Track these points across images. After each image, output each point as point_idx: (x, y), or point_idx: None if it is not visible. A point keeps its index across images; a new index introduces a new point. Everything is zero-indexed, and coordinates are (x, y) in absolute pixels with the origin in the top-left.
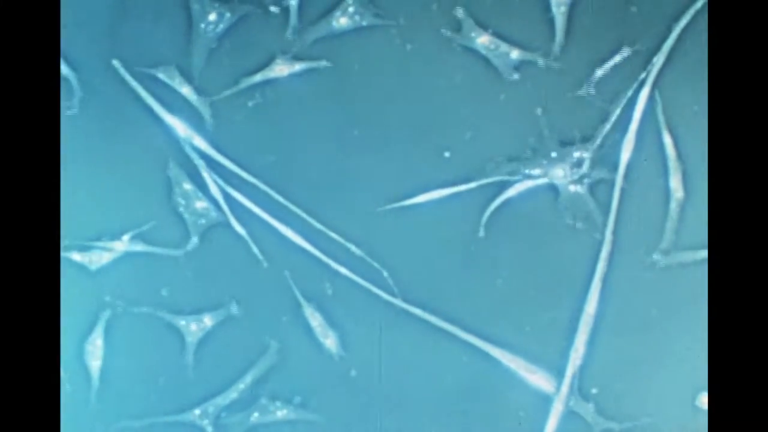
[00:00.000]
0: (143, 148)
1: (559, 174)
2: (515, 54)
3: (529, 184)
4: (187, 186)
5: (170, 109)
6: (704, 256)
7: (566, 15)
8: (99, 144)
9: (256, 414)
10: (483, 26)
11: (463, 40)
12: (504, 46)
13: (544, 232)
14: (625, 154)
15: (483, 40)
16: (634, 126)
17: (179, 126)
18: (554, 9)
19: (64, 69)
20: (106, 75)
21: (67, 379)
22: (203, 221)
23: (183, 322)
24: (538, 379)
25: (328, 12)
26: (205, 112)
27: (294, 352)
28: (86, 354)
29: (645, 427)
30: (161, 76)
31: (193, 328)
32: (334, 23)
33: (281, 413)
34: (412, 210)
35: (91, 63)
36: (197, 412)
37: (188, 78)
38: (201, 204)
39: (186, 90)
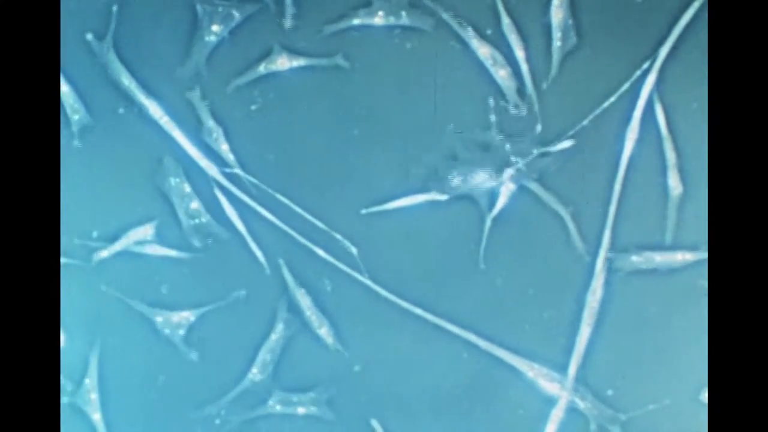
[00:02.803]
0: (141, 147)
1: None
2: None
3: (527, 181)
4: (186, 185)
5: (169, 108)
6: (704, 253)
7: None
8: (97, 144)
9: (256, 410)
10: (479, 29)
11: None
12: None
13: (543, 231)
14: (626, 151)
15: (483, 51)
16: (635, 123)
17: (178, 126)
18: (552, 12)
19: (63, 71)
20: (106, 75)
21: (66, 379)
22: (202, 220)
23: (183, 321)
24: (539, 377)
25: (328, 11)
26: (205, 112)
27: (294, 350)
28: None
29: (647, 421)
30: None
31: (193, 325)
32: (342, 23)
33: (281, 409)
34: (412, 208)
35: (91, 63)
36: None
37: (187, 77)
38: (199, 203)
39: (185, 89)
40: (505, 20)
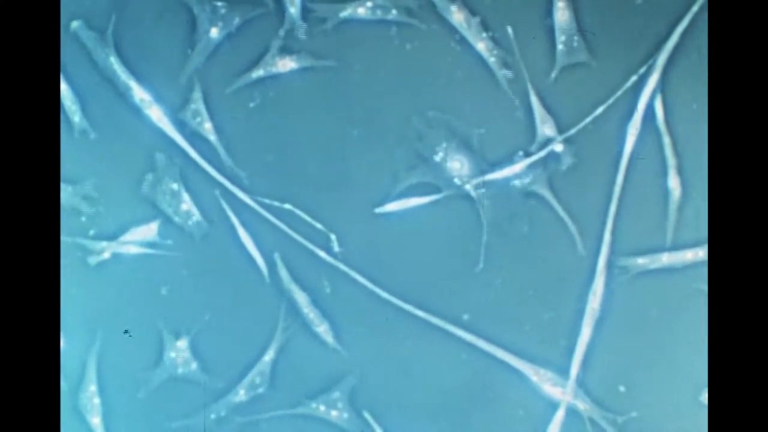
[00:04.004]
0: (141, 148)
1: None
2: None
3: (527, 181)
4: (185, 186)
5: (168, 109)
6: (704, 255)
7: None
8: (96, 145)
9: (256, 411)
10: (481, 30)
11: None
12: (498, 50)
13: (543, 232)
14: (627, 152)
15: (481, 46)
16: (636, 124)
17: (178, 126)
18: (555, 13)
19: (63, 71)
20: (104, 74)
21: (65, 380)
22: (201, 221)
23: (182, 322)
24: (538, 378)
25: (329, 9)
26: (205, 112)
27: (293, 352)
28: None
29: (648, 423)
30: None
31: (192, 327)
32: (342, 15)
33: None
34: (411, 210)
35: (90, 62)
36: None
37: (187, 77)
38: (199, 204)
39: (185, 89)
40: (508, 21)
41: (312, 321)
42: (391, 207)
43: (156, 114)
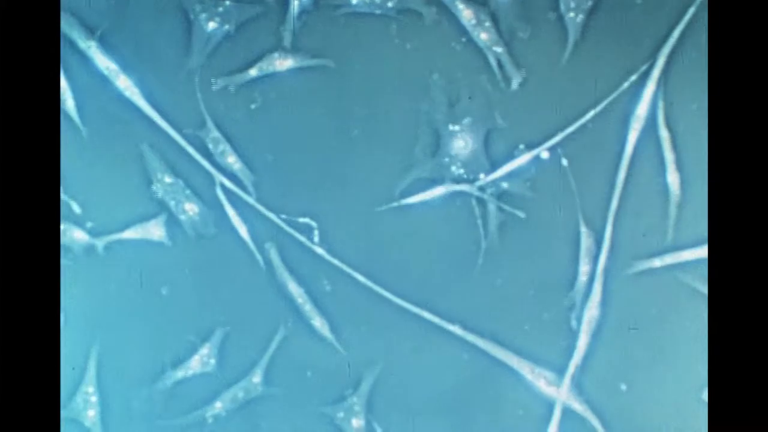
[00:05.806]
0: (138, 146)
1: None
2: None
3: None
4: (186, 185)
5: (167, 107)
6: (704, 253)
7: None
8: (95, 144)
9: (255, 410)
10: (481, 28)
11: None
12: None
13: (543, 231)
14: (627, 151)
15: (484, 37)
16: (637, 123)
17: (176, 124)
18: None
19: (63, 71)
20: (104, 74)
21: (65, 379)
22: (203, 221)
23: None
24: (538, 378)
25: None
26: (205, 111)
27: (294, 351)
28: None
29: (649, 420)
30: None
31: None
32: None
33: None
34: (411, 209)
35: (89, 60)
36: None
37: (187, 76)
38: (200, 204)
39: (184, 88)
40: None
41: (312, 320)
42: (391, 206)
43: (156, 114)
